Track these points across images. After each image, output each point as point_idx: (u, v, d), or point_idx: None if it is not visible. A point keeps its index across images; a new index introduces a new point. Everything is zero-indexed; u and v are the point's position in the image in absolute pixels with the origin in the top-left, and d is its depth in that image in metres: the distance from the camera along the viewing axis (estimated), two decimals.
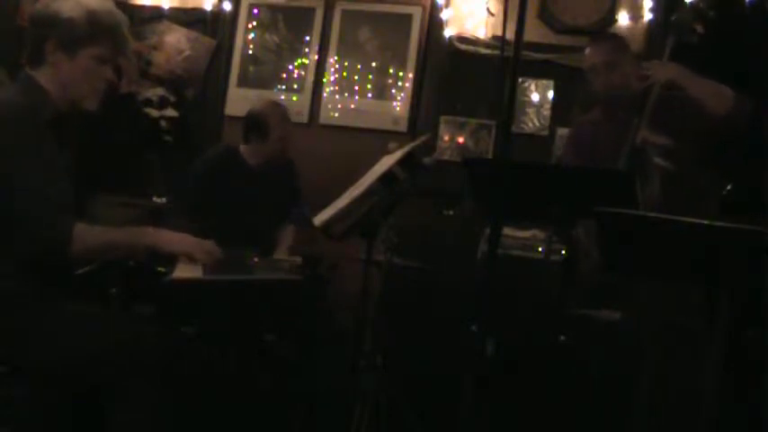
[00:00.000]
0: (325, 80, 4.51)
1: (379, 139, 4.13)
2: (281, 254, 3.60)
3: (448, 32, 4.33)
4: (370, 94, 4.44)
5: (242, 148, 3.67)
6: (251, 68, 4.61)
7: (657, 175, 2.79)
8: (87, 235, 2.13)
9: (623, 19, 4.11)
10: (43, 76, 2.23)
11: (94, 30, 2.24)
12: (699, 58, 2.93)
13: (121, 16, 2.33)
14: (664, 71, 2.85)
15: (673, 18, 2.97)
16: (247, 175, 3.61)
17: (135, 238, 2.28)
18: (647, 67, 2.89)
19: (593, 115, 3.22)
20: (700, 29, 2.87)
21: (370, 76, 4.44)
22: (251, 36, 4.62)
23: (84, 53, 2.24)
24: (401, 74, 4.40)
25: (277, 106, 3.72)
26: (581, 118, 3.40)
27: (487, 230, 3.16)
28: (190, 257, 2.30)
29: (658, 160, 2.75)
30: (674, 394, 2.66)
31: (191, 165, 3.66)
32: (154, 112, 4.45)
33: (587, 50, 3.14)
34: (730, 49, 3.43)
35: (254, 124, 3.61)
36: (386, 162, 2.87)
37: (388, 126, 4.38)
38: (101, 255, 2.29)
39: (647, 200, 2.72)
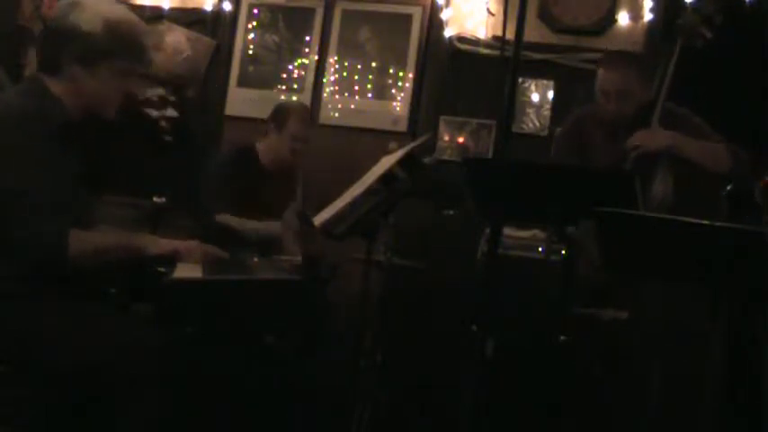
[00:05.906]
0: (325, 80, 4.51)
1: (379, 139, 4.14)
2: (289, 241, 3.64)
3: (448, 32, 4.32)
4: (370, 94, 4.44)
5: (258, 144, 3.74)
6: (251, 68, 4.61)
7: (670, 175, 2.79)
8: (82, 239, 2.13)
9: (623, 19, 4.11)
10: (57, 86, 2.17)
11: (113, 43, 2.16)
12: (704, 63, 2.91)
13: (142, 26, 2.26)
14: (657, 140, 2.80)
15: (679, 21, 2.92)
16: (259, 175, 3.68)
17: (126, 240, 2.35)
18: (635, 138, 2.80)
19: (594, 108, 3.20)
20: (707, 33, 2.84)
21: (370, 76, 4.44)
22: (251, 36, 4.61)
23: (104, 67, 2.17)
24: (401, 74, 4.40)
25: (302, 106, 3.88)
26: (578, 112, 3.36)
27: (487, 230, 3.16)
28: (180, 257, 2.37)
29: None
30: (675, 393, 2.66)
31: (209, 161, 3.74)
32: (154, 113, 4.45)
33: (600, 71, 3.02)
34: (735, 57, 3.42)
35: (276, 114, 3.72)
36: (386, 162, 2.87)
37: (388, 126, 4.37)
38: (96, 259, 2.22)
39: (658, 199, 2.73)
